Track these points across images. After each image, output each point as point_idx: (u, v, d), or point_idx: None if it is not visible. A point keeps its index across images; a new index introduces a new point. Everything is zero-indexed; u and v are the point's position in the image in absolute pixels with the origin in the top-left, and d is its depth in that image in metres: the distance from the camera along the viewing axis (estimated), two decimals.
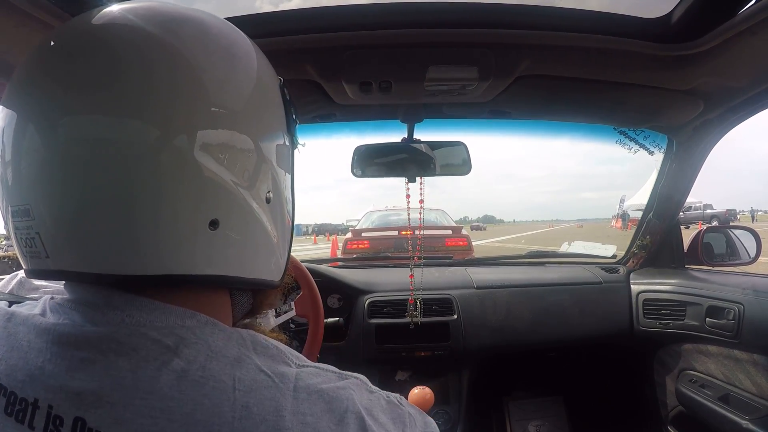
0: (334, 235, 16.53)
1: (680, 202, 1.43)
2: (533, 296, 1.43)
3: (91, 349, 0.31)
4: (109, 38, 0.33)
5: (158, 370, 0.30)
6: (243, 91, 0.37)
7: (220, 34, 0.38)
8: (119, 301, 0.33)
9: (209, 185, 0.34)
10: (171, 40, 0.34)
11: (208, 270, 0.35)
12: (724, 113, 1.10)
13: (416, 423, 0.40)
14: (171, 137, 0.32)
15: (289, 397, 0.32)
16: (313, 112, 1.15)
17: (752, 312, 1.09)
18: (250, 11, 1.77)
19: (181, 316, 0.34)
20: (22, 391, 0.31)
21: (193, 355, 0.32)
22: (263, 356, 0.34)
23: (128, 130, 0.31)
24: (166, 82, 0.32)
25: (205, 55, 0.35)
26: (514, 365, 1.68)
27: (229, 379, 0.31)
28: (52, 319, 0.34)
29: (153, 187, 0.32)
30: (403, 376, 1.41)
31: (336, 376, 0.37)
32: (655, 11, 0.84)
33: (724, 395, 1.16)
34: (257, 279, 0.40)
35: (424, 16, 0.84)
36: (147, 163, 0.31)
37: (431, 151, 1.23)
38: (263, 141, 0.38)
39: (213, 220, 0.34)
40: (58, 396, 0.30)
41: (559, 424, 1.64)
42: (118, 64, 0.32)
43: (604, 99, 1.08)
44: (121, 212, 0.32)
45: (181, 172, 0.32)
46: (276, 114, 0.42)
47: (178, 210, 0.33)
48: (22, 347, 0.33)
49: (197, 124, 0.33)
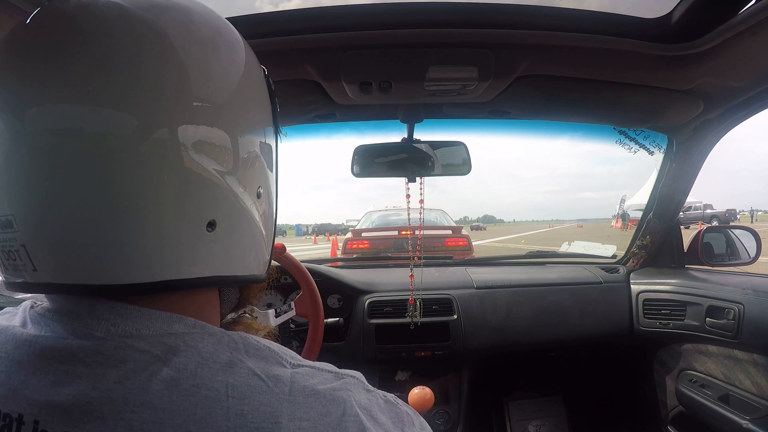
0: (334, 235, 16.53)
1: (680, 202, 1.43)
2: (533, 296, 1.43)
3: (77, 363, 0.30)
4: (89, 21, 0.32)
5: (148, 381, 0.29)
6: (231, 82, 0.36)
7: (205, 22, 0.36)
8: (103, 310, 0.32)
9: (207, 186, 0.33)
10: (158, 24, 0.32)
11: (206, 271, 0.35)
12: (724, 113, 1.10)
13: (414, 423, 0.40)
14: (155, 134, 0.31)
15: (285, 401, 0.31)
16: (313, 112, 1.15)
17: (752, 312, 1.09)
18: (250, 11, 1.77)
19: (167, 322, 0.33)
20: (6, 407, 0.30)
21: (183, 363, 0.31)
22: (256, 358, 0.33)
23: (113, 125, 0.30)
24: (153, 74, 0.31)
25: (191, 44, 0.34)
26: (514, 365, 1.68)
27: (221, 386, 0.30)
28: (33, 331, 0.32)
29: (147, 191, 0.31)
30: (403, 376, 1.41)
31: (333, 376, 0.36)
32: (655, 11, 0.84)
33: (724, 395, 1.16)
34: (248, 275, 0.40)
35: (424, 16, 0.84)
36: (137, 163, 0.30)
37: (431, 151, 1.23)
38: (252, 135, 0.38)
39: (211, 222, 0.34)
40: (44, 411, 0.29)
41: (559, 424, 1.64)
42: (101, 49, 0.30)
43: (604, 99, 1.08)
44: (113, 219, 0.30)
45: (174, 172, 0.31)
46: (265, 107, 0.41)
47: (175, 214, 0.32)
48: (2, 360, 0.32)
49: (184, 119, 0.32)
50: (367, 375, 0.41)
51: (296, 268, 0.91)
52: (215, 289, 0.41)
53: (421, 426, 0.41)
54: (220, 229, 0.34)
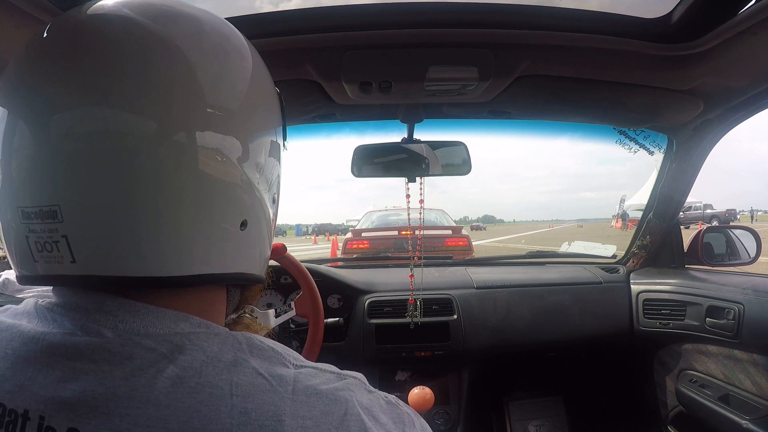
0: (334, 235, 16.53)
1: (680, 202, 1.43)
2: (533, 296, 1.43)
3: (83, 359, 0.30)
4: (103, 31, 0.33)
5: (153, 378, 0.30)
6: (241, 88, 0.37)
7: (214, 29, 0.37)
8: (112, 306, 0.33)
9: (237, 189, 0.36)
10: (167, 34, 0.33)
11: (233, 268, 0.37)
12: (724, 113, 1.10)
13: (414, 424, 0.40)
14: (173, 137, 0.32)
15: (288, 400, 0.32)
16: (313, 112, 1.15)
17: (752, 312, 1.09)
18: (250, 11, 1.78)
19: (174, 320, 0.34)
20: (12, 402, 0.30)
21: (189, 361, 0.31)
22: (260, 358, 0.34)
23: (132, 126, 0.31)
24: (164, 81, 0.32)
25: (202, 53, 0.35)
26: (514, 365, 1.68)
27: (226, 384, 0.31)
28: (40, 327, 0.33)
29: (187, 188, 0.33)
30: (403, 376, 1.41)
31: (335, 377, 0.36)
32: (655, 11, 0.84)
33: (724, 395, 1.16)
34: (254, 274, 0.41)
35: (424, 16, 0.84)
36: (156, 163, 0.31)
37: (431, 151, 1.23)
38: (265, 136, 0.39)
39: (243, 221, 0.37)
40: (50, 407, 0.29)
41: (559, 424, 1.64)
42: (112, 59, 0.31)
43: (604, 99, 1.08)
44: (145, 212, 0.32)
45: (190, 173, 0.33)
46: (274, 108, 0.43)
47: (209, 213, 0.34)
48: (8, 357, 0.32)
49: (199, 125, 0.33)
50: (367, 375, 0.41)
51: (296, 269, 0.91)
52: (223, 289, 0.42)
53: (421, 427, 0.41)
54: (251, 230, 0.38)
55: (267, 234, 0.43)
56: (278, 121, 0.43)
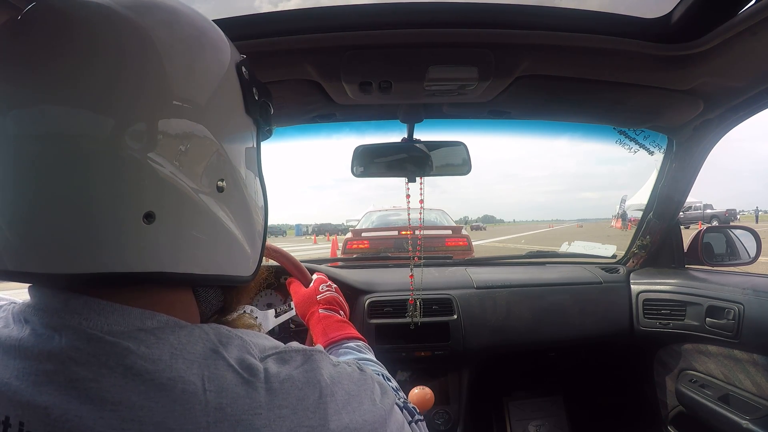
0: (334, 235, 16.53)
1: (680, 202, 1.43)
2: (533, 296, 1.42)
3: (53, 361, 0.30)
4: (75, 21, 0.32)
5: (123, 377, 0.29)
6: (213, 82, 0.37)
7: (189, 23, 0.37)
8: (76, 305, 0.32)
9: (142, 175, 0.31)
10: (141, 22, 0.33)
11: (150, 266, 0.33)
12: (724, 113, 1.10)
13: (386, 389, 0.41)
14: (136, 126, 0.31)
15: (262, 390, 0.32)
16: (313, 112, 1.15)
17: (752, 312, 1.09)
18: (249, 11, 1.78)
19: (140, 317, 0.33)
20: None
21: (157, 355, 0.31)
22: (228, 347, 0.34)
23: (65, 119, 0.30)
24: (132, 69, 0.32)
25: (174, 42, 0.34)
26: (514, 365, 1.68)
27: (198, 379, 0.30)
28: (15, 332, 0.33)
29: (82, 178, 0.30)
30: (403, 376, 1.41)
31: (301, 356, 0.37)
32: (655, 11, 0.84)
33: (724, 395, 1.16)
34: (218, 275, 0.38)
35: (424, 16, 0.84)
36: (77, 152, 0.30)
37: (431, 151, 1.23)
38: (211, 126, 0.36)
39: (147, 213, 0.32)
40: (27, 413, 0.29)
41: (559, 424, 1.64)
42: (84, 48, 0.31)
43: (604, 99, 1.08)
44: (101, 210, 0.31)
45: (110, 162, 0.31)
46: (227, 97, 0.39)
47: (108, 203, 0.31)
48: None
49: (137, 112, 0.32)
50: None
51: (275, 252, 0.88)
52: (189, 291, 0.40)
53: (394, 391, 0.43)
54: (163, 223, 0.33)
55: (246, 235, 0.40)
56: (239, 105, 0.40)
